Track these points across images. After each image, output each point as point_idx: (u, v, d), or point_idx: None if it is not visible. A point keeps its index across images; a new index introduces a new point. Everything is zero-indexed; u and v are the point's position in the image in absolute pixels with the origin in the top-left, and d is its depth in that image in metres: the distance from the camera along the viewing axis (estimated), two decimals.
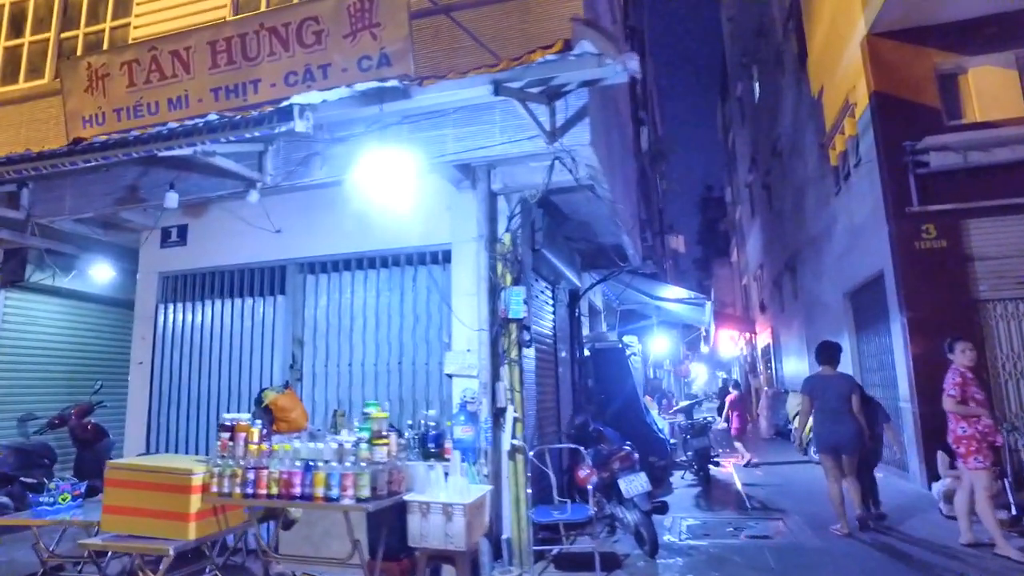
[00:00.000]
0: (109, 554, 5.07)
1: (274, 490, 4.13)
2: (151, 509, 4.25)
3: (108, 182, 6.27)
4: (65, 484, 5.26)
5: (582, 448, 5.90)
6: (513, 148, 5.17)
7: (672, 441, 10.64)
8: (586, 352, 9.44)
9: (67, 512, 5.00)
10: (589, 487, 5.43)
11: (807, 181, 13.66)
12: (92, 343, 8.81)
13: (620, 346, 9.75)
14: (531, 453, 5.56)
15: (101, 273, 7.78)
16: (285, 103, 4.15)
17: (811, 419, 6.69)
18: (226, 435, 4.46)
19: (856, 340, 11.13)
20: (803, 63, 12.95)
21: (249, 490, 4.17)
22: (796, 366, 15.97)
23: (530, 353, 6.16)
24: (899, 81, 8.87)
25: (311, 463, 4.14)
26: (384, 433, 4.21)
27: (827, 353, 6.63)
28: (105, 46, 7.00)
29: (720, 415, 13.66)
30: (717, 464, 10.00)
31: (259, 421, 5.97)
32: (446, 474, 4.62)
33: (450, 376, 5.66)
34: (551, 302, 7.62)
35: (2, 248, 7.62)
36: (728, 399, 12.99)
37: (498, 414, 5.46)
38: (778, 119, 16.11)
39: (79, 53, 6.98)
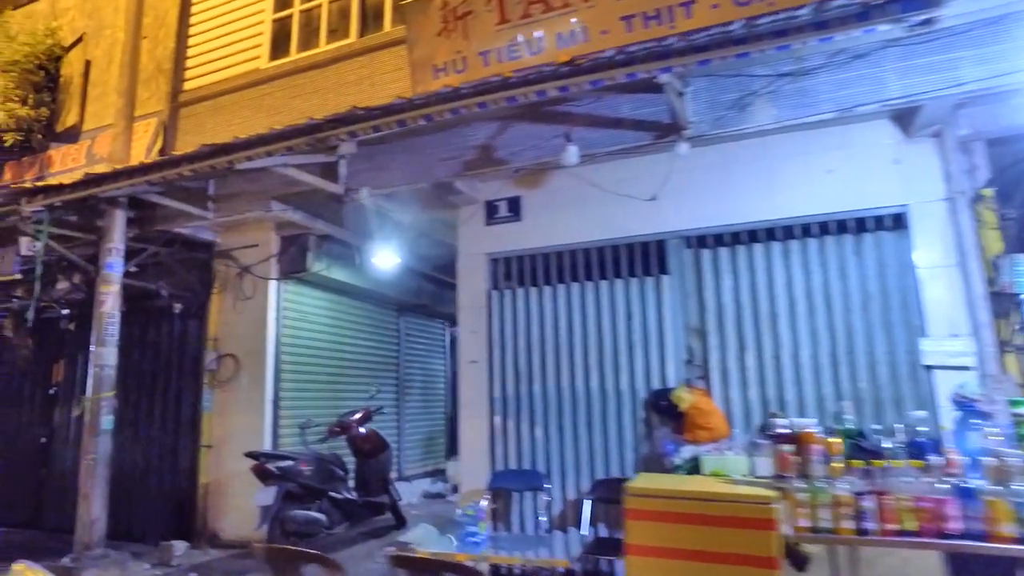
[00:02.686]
0: None
1: (911, 524, 2.94)
2: (707, 551, 3.12)
3: (450, 144, 5.26)
4: (480, 510, 4.24)
5: None
6: None
7: None
8: None
9: (492, 545, 3.99)
10: None
11: None
12: (351, 342, 7.90)
13: None
14: None
15: (384, 260, 6.83)
16: None
17: None
18: (788, 448, 3.31)
19: None
20: None
21: (868, 525, 2.99)
22: None
23: None
24: None
25: (964, 486, 2.94)
26: None
27: None
28: None
29: None
30: None
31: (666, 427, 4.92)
32: None
33: (928, 368, 4.42)
34: None
35: (280, 235, 6.74)
36: None
37: None
38: None
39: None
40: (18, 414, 7.80)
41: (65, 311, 7.83)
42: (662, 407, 4.90)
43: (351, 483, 6.70)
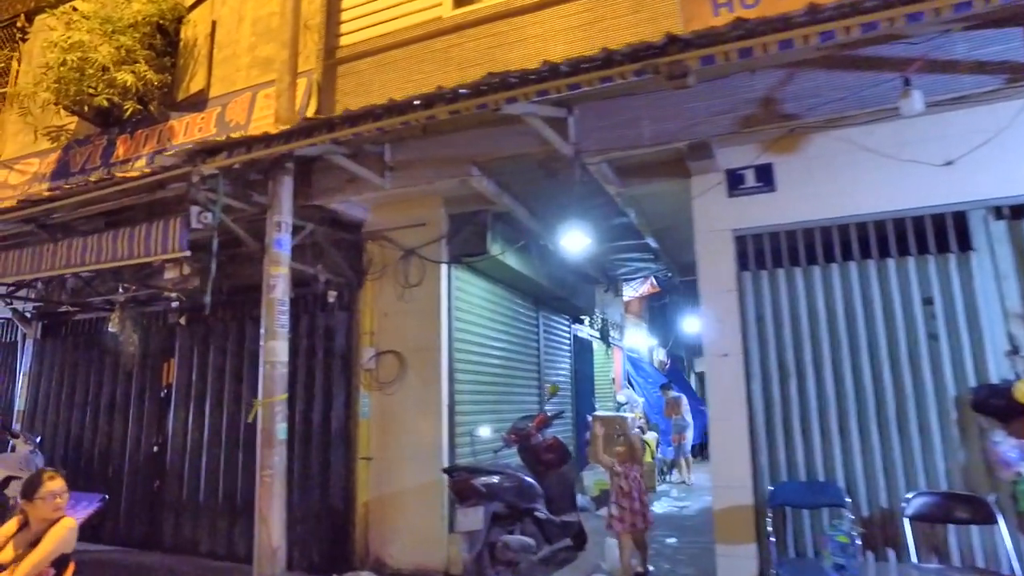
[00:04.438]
0: None
1: None
2: None
3: (715, 96, 4.47)
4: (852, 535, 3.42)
5: None
6: None
7: None
8: None
9: None
10: None
11: None
12: (507, 339, 7.03)
13: None
14: None
15: (574, 243, 6.02)
16: None
17: None
18: None
19: None
20: None
21: None
22: None
23: None
24: None
25: None
26: None
27: None
28: None
29: None
30: None
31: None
32: None
33: None
34: None
35: (447, 212, 5.87)
36: None
37: None
38: None
39: None
40: (126, 420, 6.79)
41: (175, 303, 6.89)
42: (993, 407, 4.11)
43: None
